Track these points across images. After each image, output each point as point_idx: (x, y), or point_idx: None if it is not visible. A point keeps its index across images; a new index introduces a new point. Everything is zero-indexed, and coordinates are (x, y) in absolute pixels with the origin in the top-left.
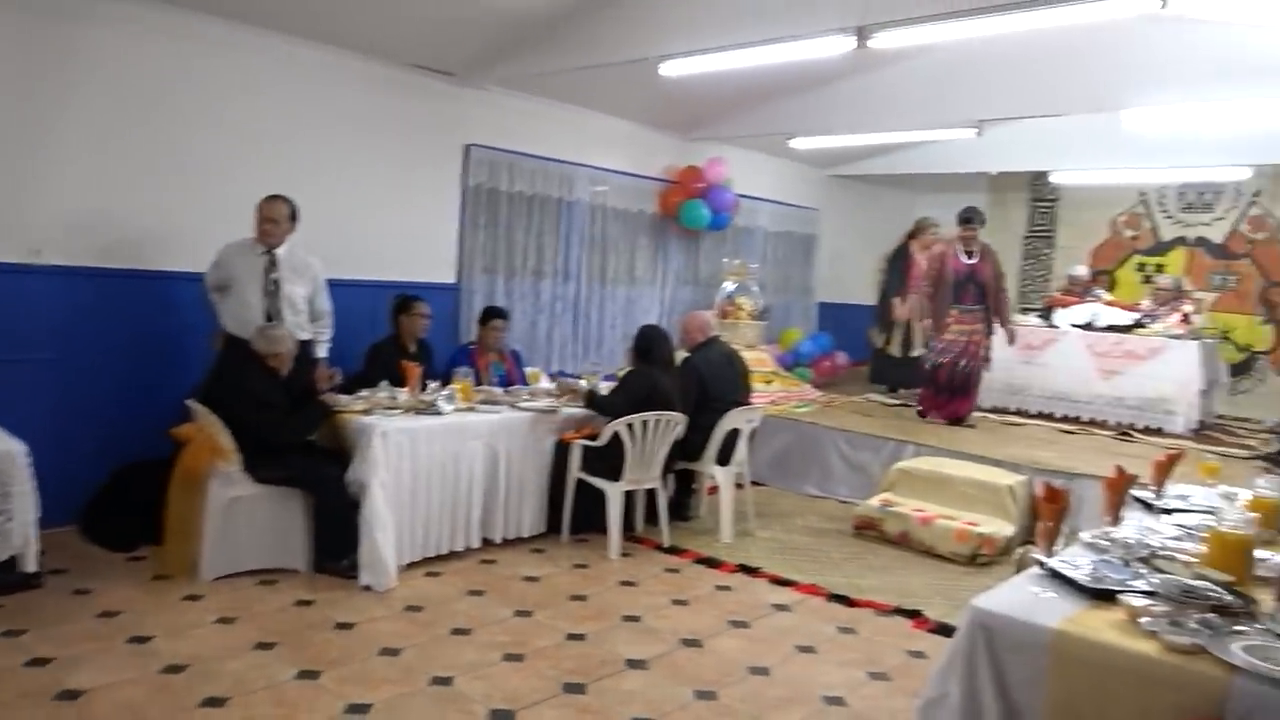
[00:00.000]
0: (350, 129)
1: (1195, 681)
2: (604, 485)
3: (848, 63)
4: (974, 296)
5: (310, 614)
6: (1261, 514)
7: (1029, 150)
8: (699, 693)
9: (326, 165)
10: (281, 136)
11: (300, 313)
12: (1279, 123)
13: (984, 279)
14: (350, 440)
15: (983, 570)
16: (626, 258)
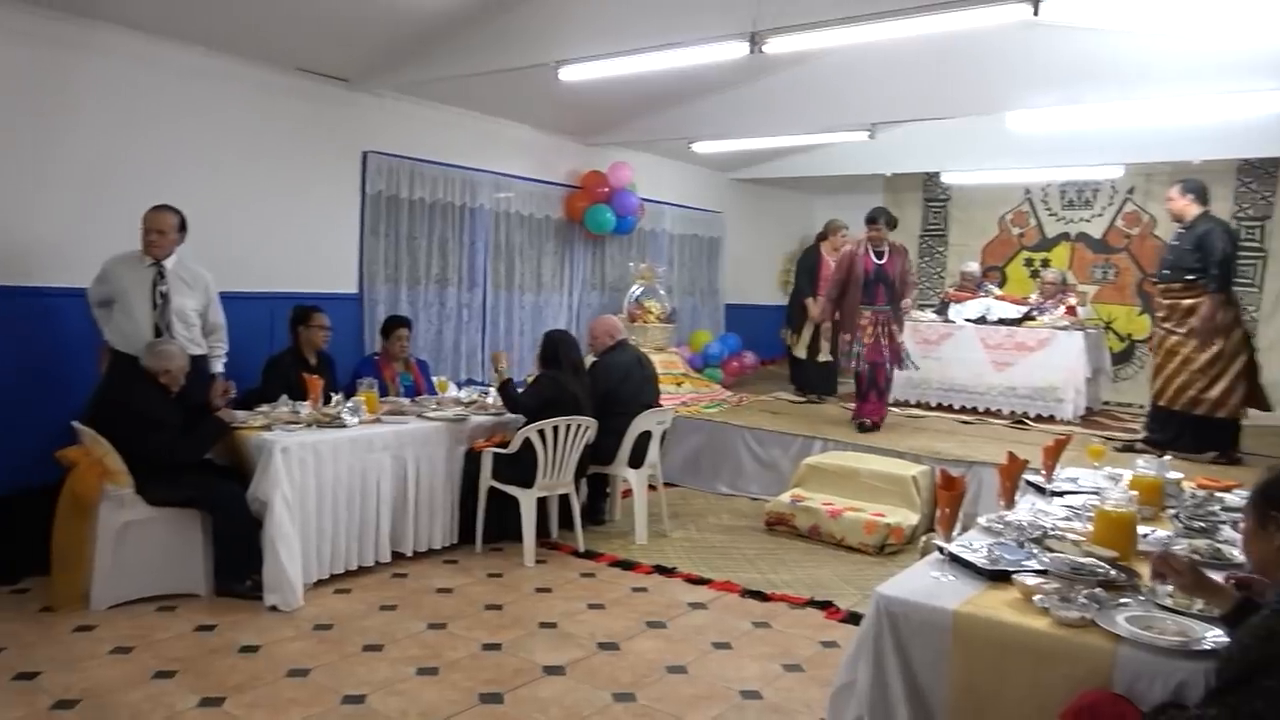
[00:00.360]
0: (241, 137)
1: (1084, 653)
2: (517, 492)
3: (744, 68)
4: (885, 296)
5: (212, 639)
6: (1142, 492)
7: (921, 152)
8: (617, 695)
9: (217, 174)
10: (169, 145)
11: (192, 327)
12: (1146, 124)
13: (893, 277)
14: (249, 457)
15: (891, 559)
16: (533, 264)
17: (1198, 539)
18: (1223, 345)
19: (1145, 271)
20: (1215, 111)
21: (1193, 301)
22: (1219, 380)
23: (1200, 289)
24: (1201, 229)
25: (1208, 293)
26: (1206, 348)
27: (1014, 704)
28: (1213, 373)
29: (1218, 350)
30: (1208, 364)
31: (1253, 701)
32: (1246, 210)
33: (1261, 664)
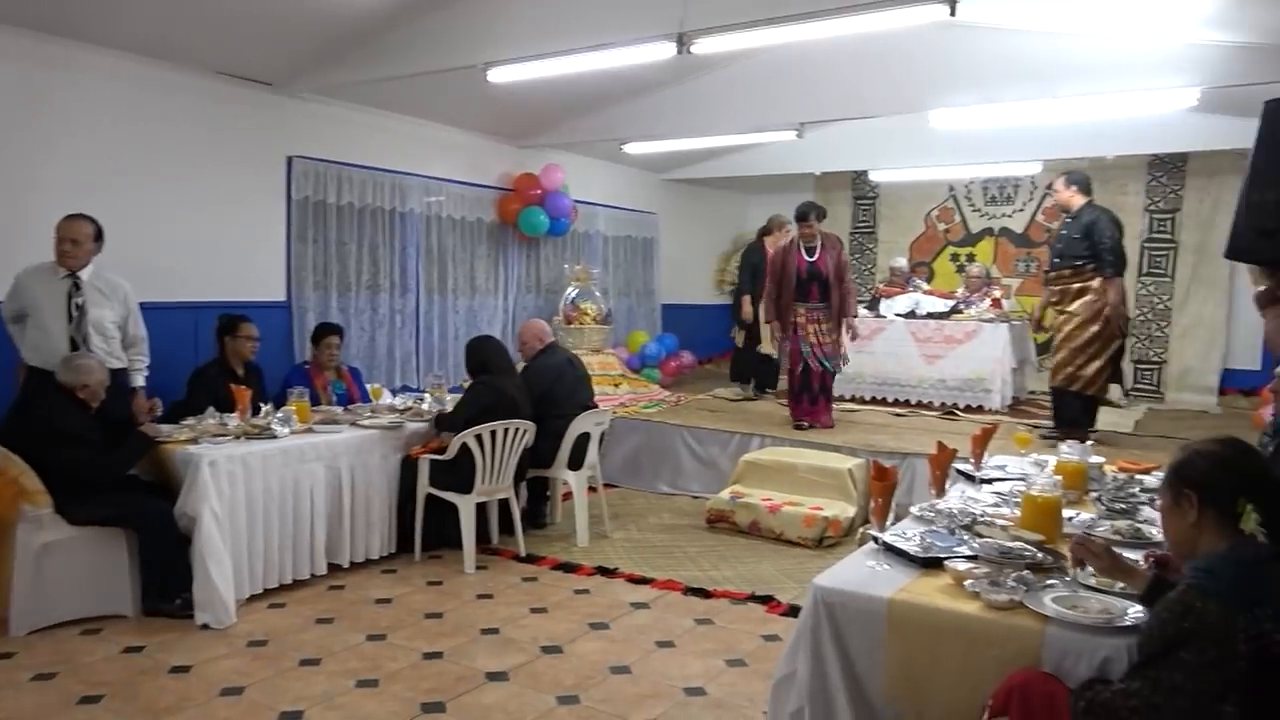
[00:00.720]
0: (161, 142)
1: (1014, 634)
2: (455, 499)
3: (673, 69)
4: (819, 294)
5: (141, 661)
6: (1066, 477)
7: (849, 151)
8: (561, 698)
9: (137, 181)
10: (85, 152)
11: (111, 340)
12: (1063, 121)
13: (825, 274)
14: (176, 472)
15: (829, 551)
16: (466, 268)
17: (1119, 520)
18: (1103, 327)
19: None
20: (1127, 109)
21: (1081, 285)
22: (1095, 359)
23: (1089, 274)
24: (1087, 218)
25: (1103, 277)
26: (1086, 329)
27: (948, 686)
28: (1090, 351)
29: (1096, 330)
30: (1086, 343)
31: (1172, 674)
32: (1158, 203)
33: (1178, 638)
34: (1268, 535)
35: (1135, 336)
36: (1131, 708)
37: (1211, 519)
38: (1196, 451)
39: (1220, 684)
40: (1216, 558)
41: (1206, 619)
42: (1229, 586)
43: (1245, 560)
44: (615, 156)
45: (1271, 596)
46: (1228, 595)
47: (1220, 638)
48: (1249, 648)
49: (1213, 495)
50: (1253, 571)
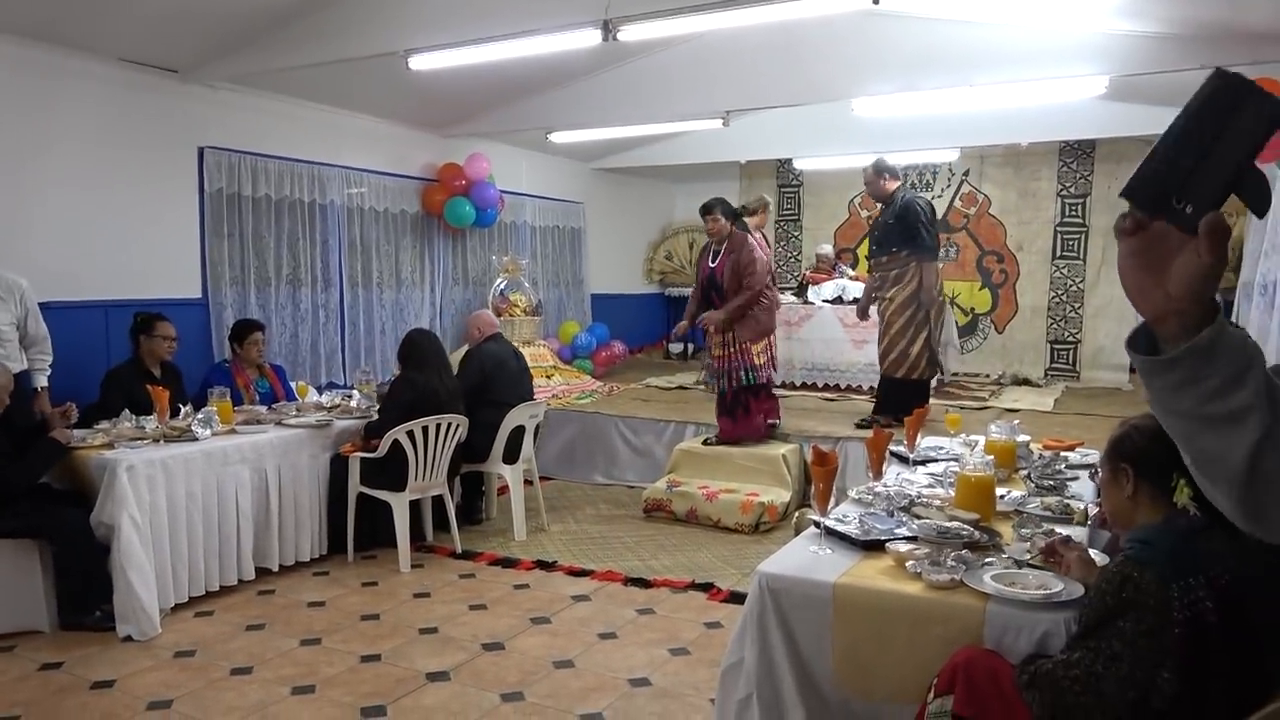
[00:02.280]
0: (62, 133)
1: (956, 612)
2: (388, 497)
3: (599, 56)
4: (719, 302)
5: (59, 678)
6: (997, 456)
7: (774, 139)
8: (505, 695)
9: (37, 174)
10: None
11: (8, 342)
12: (979, 109)
13: (721, 281)
14: (91, 479)
15: (766, 536)
16: (391, 260)
17: (1048, 496)
18: (916, 310)
19: (984, 249)
20: (1040, 97)
21: (898, 271)
22: (915, 343)
23: (904, 259)
24: (901, 204)
25: (918, 261)
26: (902, 313)
27: (894, 667)
28: (909, 334)
29: (911, 314)
30: (903, 327)
31: (1111, 643)
32: (1069, 189)
33: (1118, 608)
34: (1199, 508)
35: (1052, 318)
36: (1073, 677)
37: (1147, 492)
38: (1134, 427)
39: (1157, 651)
40: (1152, 529)
41: (1144, 588)
42: (1164, 557)
43: (1179, 531)
44: (541, 146)
45: (1204, 567)
46: (1163, 565)
47: (1157, 606)
48: (1183, 615)
49: (1147, 469)
50: (1187, 542)
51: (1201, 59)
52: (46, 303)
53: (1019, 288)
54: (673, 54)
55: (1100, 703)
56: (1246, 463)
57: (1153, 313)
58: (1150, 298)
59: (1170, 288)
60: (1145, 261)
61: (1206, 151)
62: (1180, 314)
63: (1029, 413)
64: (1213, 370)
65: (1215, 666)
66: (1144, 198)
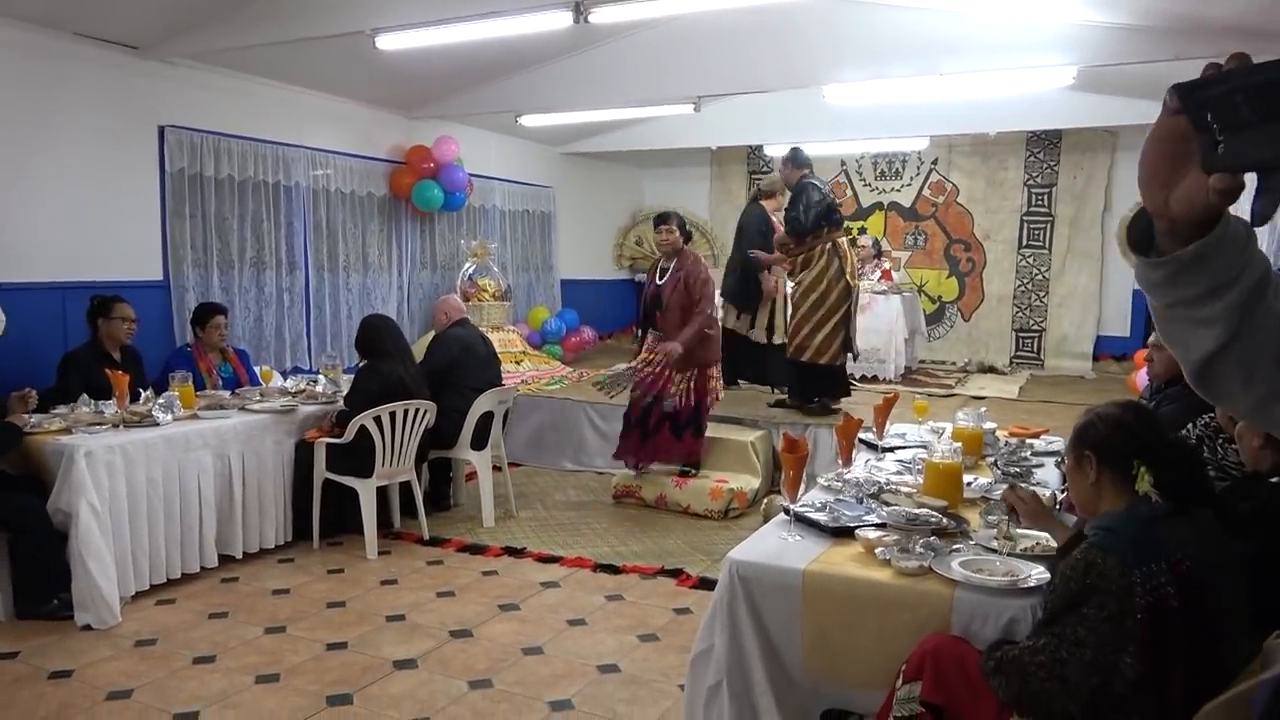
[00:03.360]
0: (15, 110)
1: (925, 599)
2: (354, 483)
3: (570, 39)
4: (664, 322)
5: (15, 668)
6: (964, 443)
7: (744, 125)
8: (473, 683)
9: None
10: None
11: None
12: (948, 98)
13: (666, 303)
14: (47, 465)
15: (735, 523)
16: (358, 244)
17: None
18: (823, 294)
19: (952, 237)
20: (1007, 87)
21: (805, 255)
22: (820, 328)
23: (810, 243)
24: (798, 189)
25: (822, 246)
26: (808, 297)
27: (864, 653)
28: (815, 319)
29: (816, 298)
30: (809, 310)
31: (1075, 629)
32: (1035, 178)
33: (1081, 594)
34: (1161, 495)
35: (1017, 306)
36: (1038, 663)
37: (1109, 479)
38: (1098, 415)
39: (1119, 636)
40: (1115, 516)
41: (1107, 574)
42: (1127, 544)
43: (1141, 518)
44: (511, 129)
45: (1166, 553)
46: (1125, 552)
47: (1119, 592)
48: (1145, 601)
49: (1110, 457)
50: (1149, 529)
51: (1169, 51)
52: (1, 284)
53: (985, 276)
54: (644, 38)
55: (1064, 689)
56: (1201, 364)
57: (1150, 208)
58: (1153, 196)
59: (1171, 198)
60: (1167, 151)
61: (1272, 118)
62: (1172, 222)
63: (995, 400)
64: (1191, 281)
65: (1175, 651)
66: (1191, 104)
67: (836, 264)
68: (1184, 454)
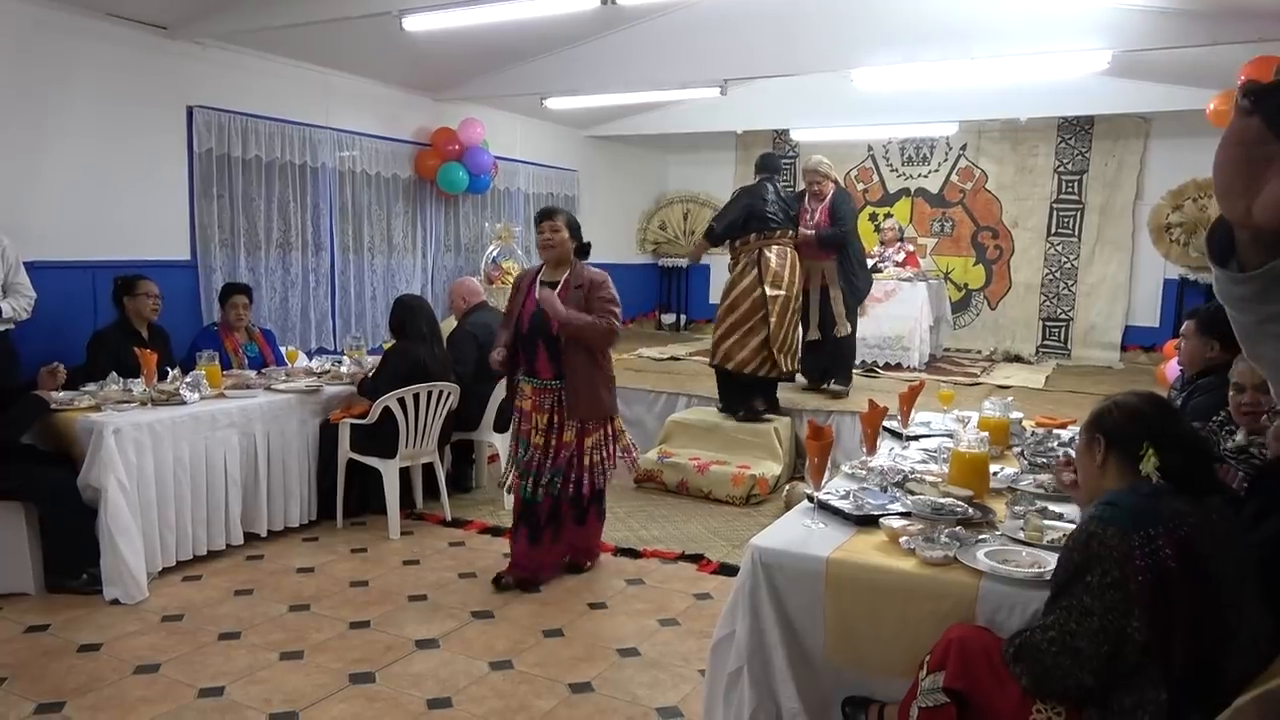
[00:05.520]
0: (47, 89)
1: (950, 589)
2: (378, 464)
3: (597, 21)
4: (549, 362)
5: (46, 640)
6: (991, 433)
7: (771, 109)
8: (494, 664)
9: (21, 131)
10: None
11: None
12: (979, 83)
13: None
14: (78, 441)
15: (757, 509)
16: (382, 225)
17: (1041, 474)
18: (733, 303)
19: (980, 224)
20: (1039, 72)
21: (733, 260)
22: (730, 336)
23: (739, 248)
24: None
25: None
26: (723, 303)
27: (887, 642)
28: (726, 325)
29: (728, 306)
30: (722, 317)
31: (1081, 599)
32: (1066, 165)
33: (1084, 565)
34: (1163, 476)
35: (1045, 295)
36: (1049, 639)
37: (1115, 462)
38: (1115, 403)
39: (1124, 601)
40: (1116, 493)
41: (1107, 542)
42: (1126, 514)
43: (1143, 492)
44: (536, 112)
45: (1164, 519)
46: (1124, 520)
47: (1119, 558)
48: (1144, 564)
49: (1119, 441)
50: (1148, 501)
51: (1207, 36)
52: (32, 263)
53: (1013, 264)
54: (671, 20)
55: (1077, 660)
56: None
57: (1231, 217)
58: (1233, 205)
59: (1255, 207)
60: (1245, 155)
61: None
62: (1257, 232)
63: (1020, 389)
64: None
65: (1178, 615)
66: (1268, 109)
67: (754, 273)
68: (1194, 443)
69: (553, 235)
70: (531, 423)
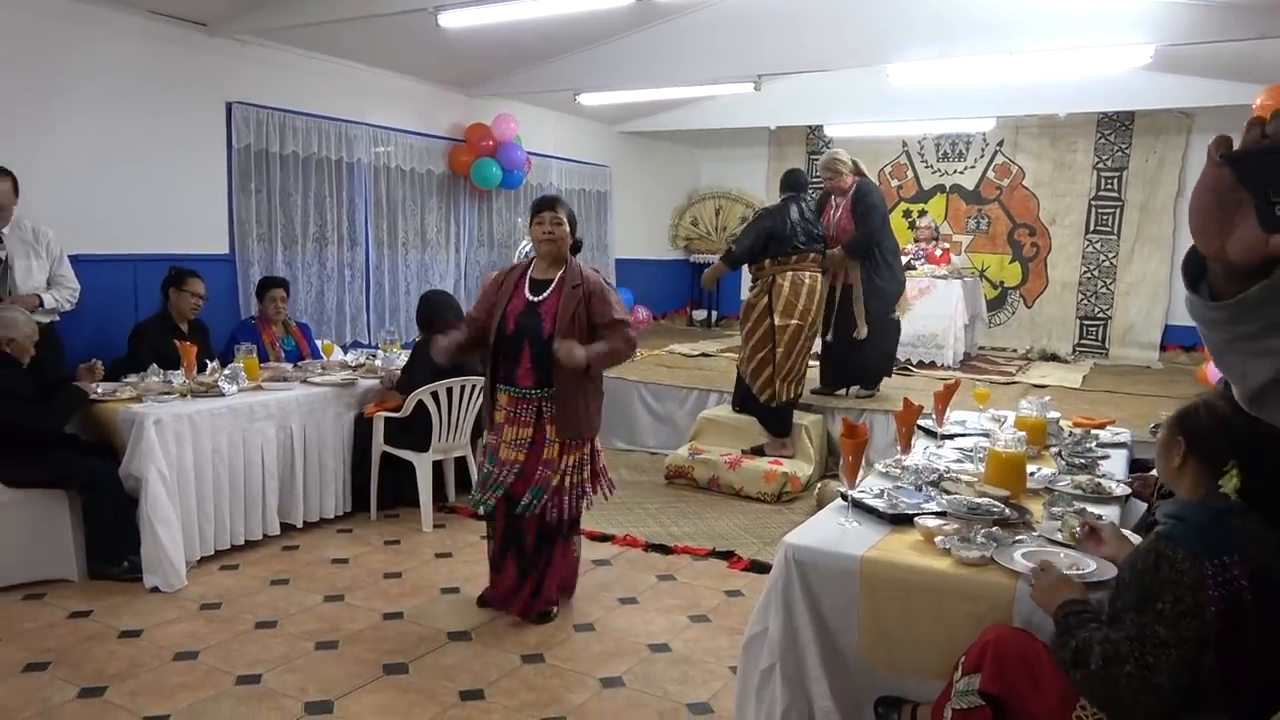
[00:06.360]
0: (90, 85)
1: (987, 590)
2: (412, 457)
3: (630, 17)
4: (531, 369)
5: (88, 626)
6: (1028, 432)
7: (805, 105)
8: (525, 657)
9: (65, 127)
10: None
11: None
12: (1016, 79)
13: (548, 333)
14: (119, 431)
15: (787, 507)
16: (416, 220)
17: (1079, 475)
18: (750, 328)
19: (1016, 221)
20: (1078, 67)
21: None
22: (750, 361)
23: (756, 269)
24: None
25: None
26: (742, 327)
27: (921, 642)
28: (748, 348)
29: (748, 329)
30: (743, 341)
31: (1155, 629)
32: (1105, 161)
33: (1155, 589)
34: (1240, 498)
35: (1082, 293)
36: (1127, 674)
37: (1194, 468)
38: (1206, 404)
39: (1199, 629)
40: (1187, 505)
41: (1178, 566)
42: (1195, 534)
43: (1215, 510)
44: (569, 108)
45: (1236, 545)
46: (1195, 542)
47: (1193, 584)
48: (1218, 593)
49: (1201, 449)
50: (1219, 521)
51: (1254, 29)
52: (76, 255)
53: (1050, 261)
54: (705, 15)
55: (1157, 697)
56: (1256, 390)
57: (1206, 253)
58: (1208, 244)
59: (1229, 247)
60: (1218, 201)
61: None
62: (1230, 265)
63: (1057, 389)
64: (1253, 318)
65: (1251, 645)
66: (1242, 171)
67: (765, 301)
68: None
69: (554, 228)
70: (503, 436)
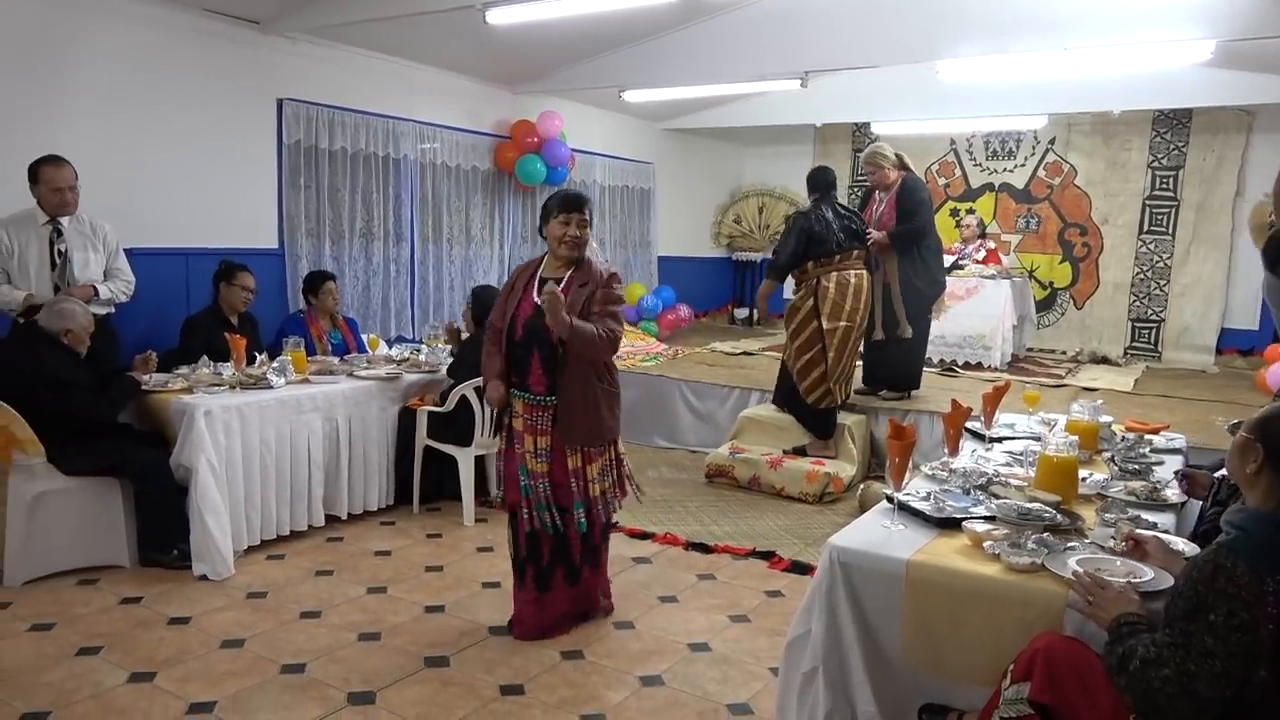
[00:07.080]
0: (146, 81)
1: (1036, 597)
2: (454, 451)
3: (676, 14)
4: (542, 374)
5: (139, 612)
6: (1080, 436)
7: (852, 102)
8: (565, 653)
9: (121, 122)
10: (65, 90)
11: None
12: (1069, 75)
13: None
14: (170, 422)
15: (829, 508)
16: (461, 216)
17: (1133, 480)
18: (796, 329)
19: (1067, 221)
20: (1133, 63)
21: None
22: (797, 363)
23: (799, 273)
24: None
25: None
26: (787, 329)
27: (968, 648)
28: (792, 350)
29: (792, 332)
30: (788, 343)
31: (1202, 639)
32: (1161, 160)
33: (1210, 599)
34: None
35: (1135, 295)
36: (1164, 678)
37: (1269, 478)
38: None
39: (1250, 645)
40: (1254, 516)
41: (1237, 580)
42: (1259, 548)
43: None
44: (613, 105)
45: None
46: (1257, 556)
47: (1250, 599)
48: (1276, 611)
49: (1279, 458)
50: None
51: None
52: (132, 249)
53: (1102, 262)
54: (751, 11)
55: (1194, 703)
56: None
57: None
58: None
59: None
60: None
61: None
62: None
63: (1108, 392)
64: None
65: None
66: None
67: (811, 303)
68: None
69: (581, 231)
70: (524, 446)
